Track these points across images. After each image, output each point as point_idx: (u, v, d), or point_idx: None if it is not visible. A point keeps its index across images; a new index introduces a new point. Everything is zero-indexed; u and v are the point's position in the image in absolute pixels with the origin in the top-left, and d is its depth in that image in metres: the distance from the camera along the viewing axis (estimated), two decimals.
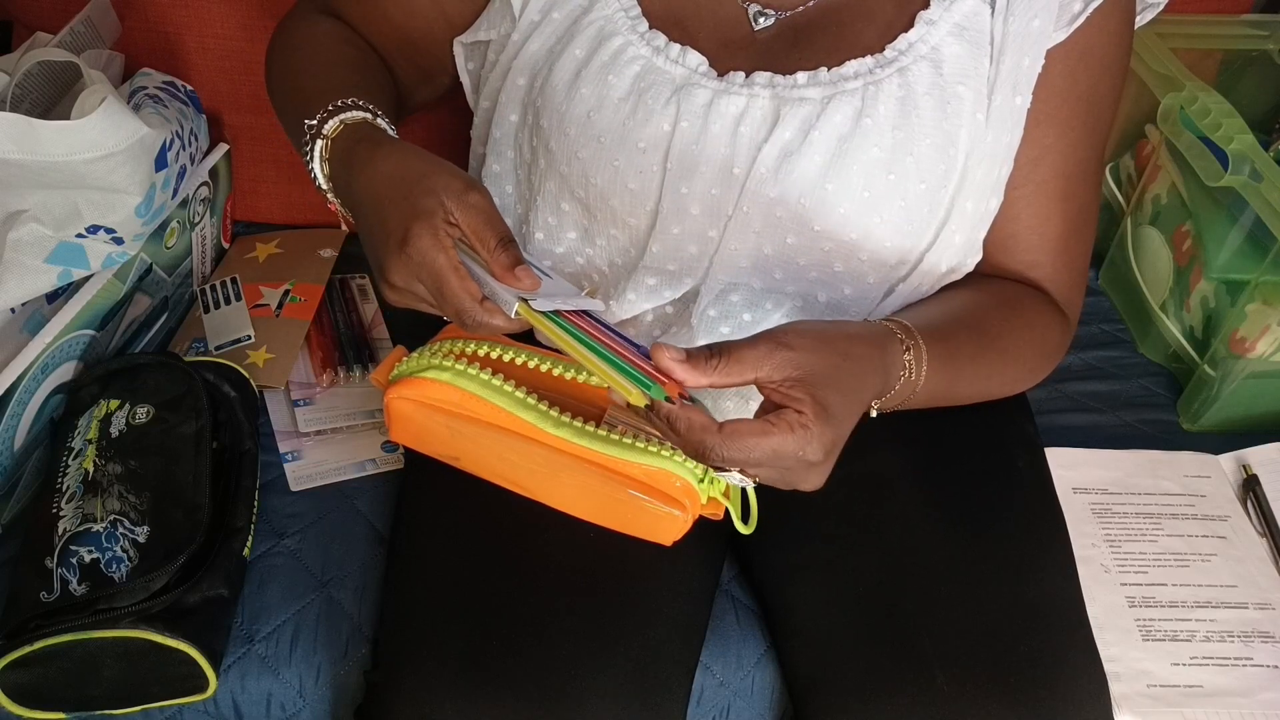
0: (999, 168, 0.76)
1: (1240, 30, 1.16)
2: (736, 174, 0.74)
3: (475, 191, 0.67)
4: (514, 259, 0.66)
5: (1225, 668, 0.85)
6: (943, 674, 0.70)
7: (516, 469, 0.75)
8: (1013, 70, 0.73)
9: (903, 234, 0.75)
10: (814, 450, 0.60)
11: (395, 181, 0.68)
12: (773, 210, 0.74)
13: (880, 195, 0.73)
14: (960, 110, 0.73)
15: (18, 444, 0.84)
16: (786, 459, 0.60)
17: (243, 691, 0.80)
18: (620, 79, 0.75)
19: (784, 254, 0.76)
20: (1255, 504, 0.96)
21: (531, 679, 0.69)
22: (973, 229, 0.77)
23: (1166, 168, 1.09)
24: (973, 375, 0.76)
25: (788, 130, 0.73)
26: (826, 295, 0.78)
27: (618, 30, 0.76)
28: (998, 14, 0.73)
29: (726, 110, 0.74)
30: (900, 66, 0.73)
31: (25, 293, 0.85)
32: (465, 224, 0.66)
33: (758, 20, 0.77)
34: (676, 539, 0.74)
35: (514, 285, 0.66)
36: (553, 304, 0.66)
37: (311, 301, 1.06)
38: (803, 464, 0.61)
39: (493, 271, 0.66)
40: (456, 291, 0.65)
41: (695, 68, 0.75)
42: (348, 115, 0.74)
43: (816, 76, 0.74)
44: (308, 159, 0.75)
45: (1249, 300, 0.98)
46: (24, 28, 1.13)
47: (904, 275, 0.77)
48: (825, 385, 0.61)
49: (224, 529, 0.82)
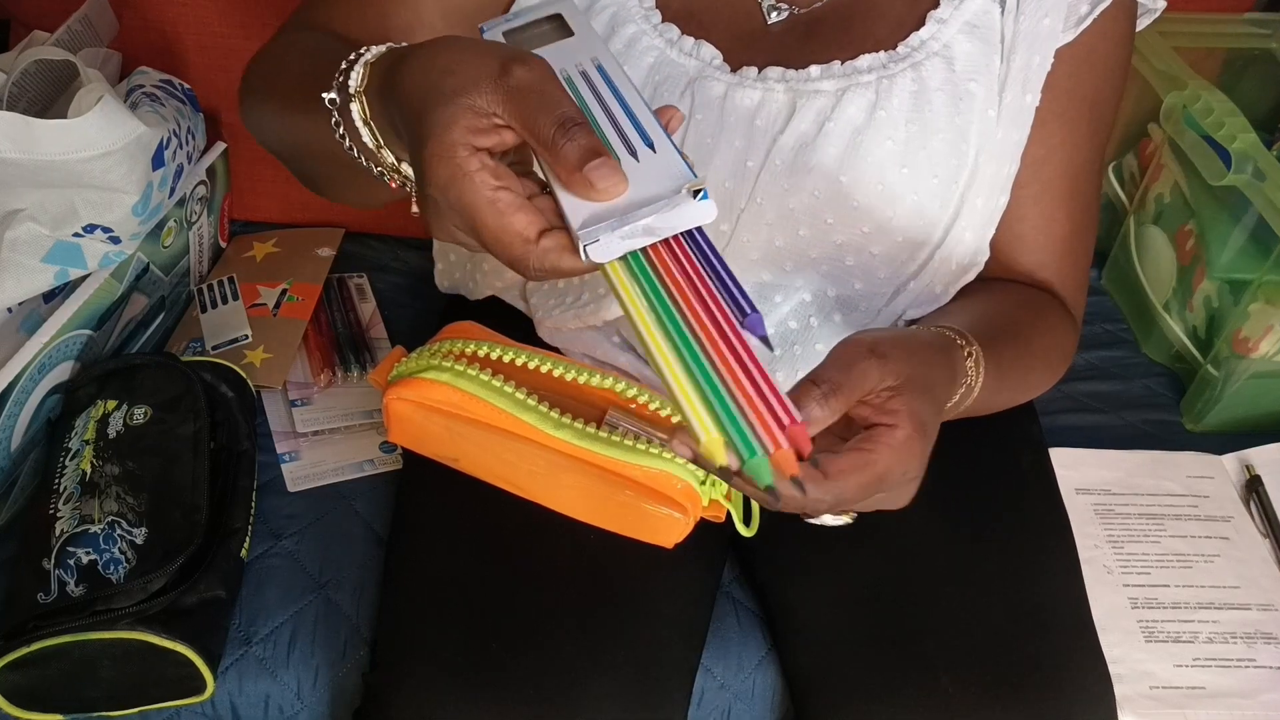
0: (1008, 165, 0.75)
1: (1243, 29, 1.16)
2: (750, 167, 0.74)
3: (519, 65, 0.50)
4: (581, 152, 0.48)
5: (1228, 669, 0.84)
6: (947, 676, 0.70)
7: (516, 470, 0.74)
8: (1023, 68, 0.73)
9: (915, 229, 0.74)
10: (915, 466, 0.56)
11: (415, 95, 0.51)
12: (786, 202, 0.74)
13: (894, 189, 0.73)
14: (972, 106, 0.73)
15: (14, 444, 0.84)
16: (890, 482, 0.55)
17: (240, 693, 0.80)
18: (635, 70, 0.75)
19: (796, 247, 0.75)
20: (1258, 504, 0.96)
21: (531, 681, 0.69)
22: (983, 226, 0.77)
23: (1169, 167, 1.09)
24: (1014, 381, 0.75)
25: (804, 122, 0.73)
26: (837, 290, 0.77)
27: (631, 19, 0.76)
28: (1008, 12, 0.73)
29: (741, 103, 0.74)
30: (914, 62, 0.73)
31: (22, 292, 0.85)
32: (513, 116, 0.49)
33: (771, 14, 0.77)
34: (677, 541, 0.73)
35: (585, 195, 0.48)
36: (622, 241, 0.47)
37: (309, 301, 1.06)
38: (902, 484, 0.57)
39: (556, 176, 0.49)
40: (497, 234, 0.49)
41: (709, 60, 0.75)
42: (369, 54, 0.57)
43: (830, 69, 0.74)
44: (347, 143, 0.58)
45: (1252, 300, 0.98)
46: (21, 26, 1.12)
47: (914, 272, 0.77)
48: (918, 393, 0.57)
49: (221, 530, 0.82)
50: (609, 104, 0.53)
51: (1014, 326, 0.75)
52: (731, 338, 0.46)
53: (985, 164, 0.74)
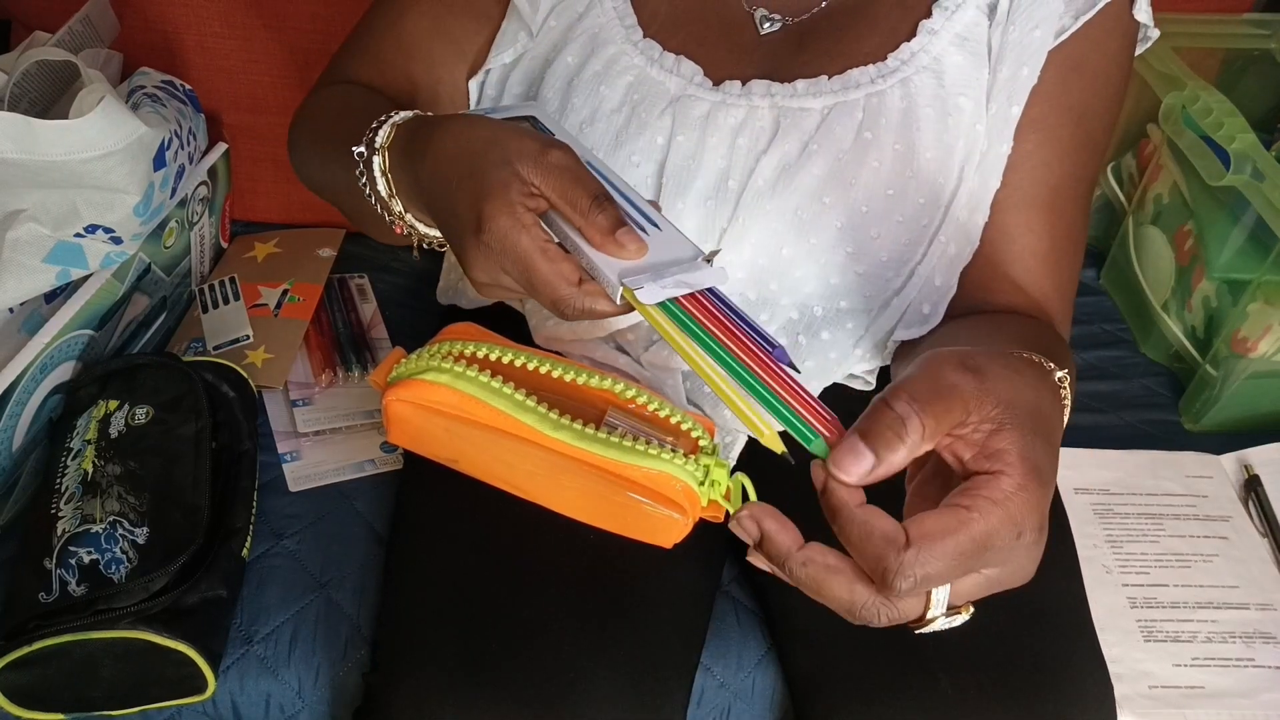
0: (994, 178, 0.75)
1: (1241, 29, 1.16)
2: (732, 186, 0.74)
3: (555, 149, 0.58)
4: (613, 220, 0.57)
5: (1227, 669, 0.85)
6: (945, 676, 0.70)
7: (515, 471, 0.74)
8: (1009, 79, 0.73)
9: (900, 246, 0.74)
10: (1031, 525, 0.44)
11: (460, 159, 0.59)
12: (769, 222, 0.73)
13: (878, 210, 0.73)
14: (960, 121, 0.73)
15: (16, 444, 0.84)
16: (1000, 550, 0.44)
17: (241, 692, 0.80)
18: (613, 90, 0.75)
19: (779, 266, 0.75)
20: (1257, 504, 0.96)
21: (531, 681, 0.69)
22: (967, 240, 0.76)
23: (1168, 167, 1.09)
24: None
25: (788, 142, 0.73)
26: (823, 308, 0.77)
27: (611, 39, 0.76)
28: (996, 24, 0.73)
29: (725, 122, 0.74)
30: (902, 77, 0.73)
31: (24, 292, 0.85)
32: (550, 188, 0.57)
33: (764, 24, 0.76)
34: (677, 541, 0.73)
35: (616, 254, 0.57)
36: (663, 290, 0.55)
37: (310, 301, 1.06)
38: (1016, 552, 0.45)
39: (590, 239, 0.57)
40: (547, 277, 0.57)
41: (690, 78, 0.75)
42: (398, 117, 0.66)
43: (817, 84, 0.73)
44: (367, 190, 0.67)
45: (1251, 300, 0.98)
46: (22, 26, 1.12)
47: (899, 288, 0.76)
48: (1028, 429, 0.45)
49: (222, 530, 0.82)
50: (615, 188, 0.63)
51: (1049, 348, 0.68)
52: (766, 360, 0.52)
53: (970, 178, 0.74)
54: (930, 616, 0.47)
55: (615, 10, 0.77)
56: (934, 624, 0.47)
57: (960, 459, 0.46)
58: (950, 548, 0.43)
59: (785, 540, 0.47)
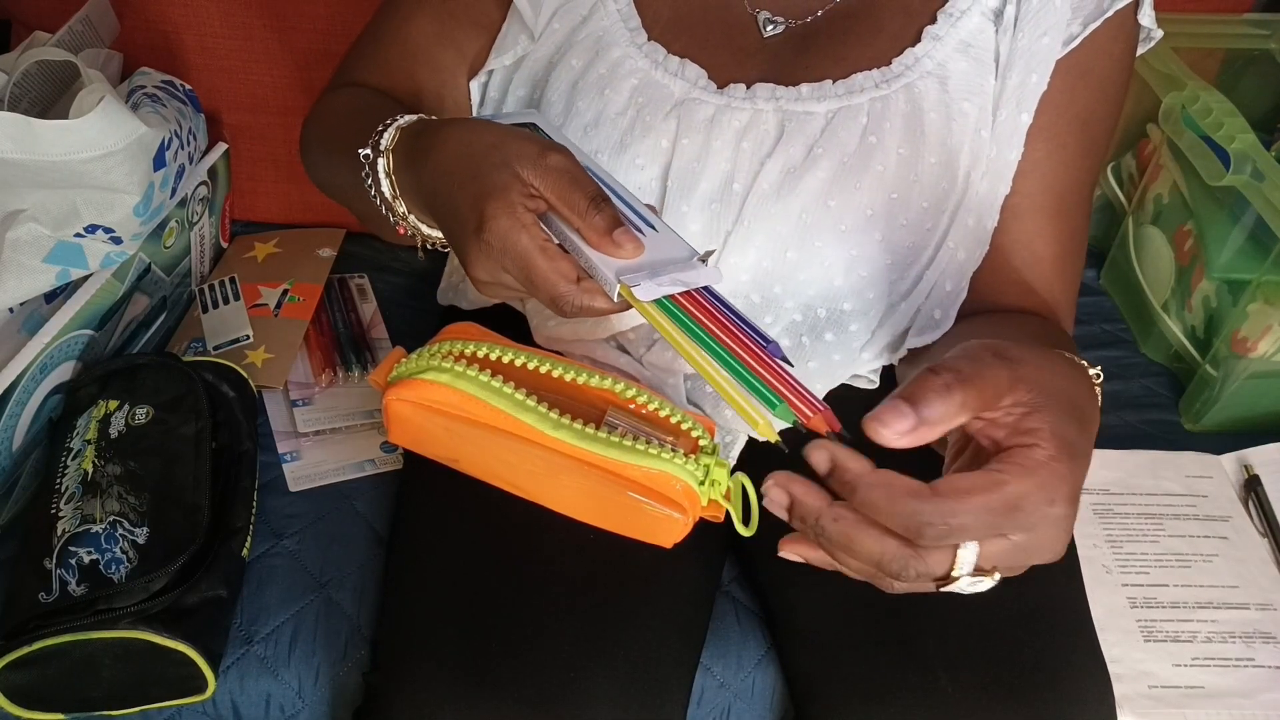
0: (1001, 184, 0.75)
1: (1241, 29, 1.16)
2: (737, 189, 0.74)
3: (554, 152, 0.60)
4: (610, 221, 0.59)
5: (1227, 669, 0.85)
6: (945, 676, 0.70)
7: (516, 471, 0.75)
8: (1019, 86, 0.73)
9: (905, 249, 0.74)
10: (1062, 495, 0.45)
11: (462, 161, 0.61)
12: (774, 225, 0.74)
13: (882, 214, 0.73)
14: (965, 126, 0.73)
15: (16, 444, 0.84)
16: (1030, 514, 0.45)
17: (241, 692, 0.80)
18: (617, 93, 0.75)
19: (783, 269, 0.75)
20: (1257, 504, 0.96)
21: (531, 681, 0.69)
22: (975, 245, 0.76)
23: (1168, 167, 1.09)
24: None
25: (792, 146, 0.73)
26: (827, 310, 0.77)
27: (615, 42, 0.76)
28: (1004, 30, 0.73)
29: (729, 125, 0.74)
30: (907, 82, 0.73)
31: (24, 292, 0.85)
32: (549, 190, 0.59)
33: (767, 27, 0.76)
34: (677, 541, 0.73)
35: (613, 254, 0.59)
36: (660, 288, 0.57)
37: (310, 301, 1.06)
38: (1046, 521, 0.46)
39: (588, 239, 0.59)
40: (547, 274, 0.59)
41: (695, 81, 0.75)
42: (402, 121, 0.68)
43: (821, 88, 0.73)
44: (372, 191, 0.69)
45: (1251, 300, 0.98)
46: (22, 26, 1.12)
47: (905, 292, 0.76)
48: (1061, 411, 0.47)
49: (223, 529, 0.82)
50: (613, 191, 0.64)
51: (1067, 346, 0.71)
52: (760, 354, 0.55)
53: (978, 182, 0.74)
54: (956, 574, 0.47)
55: (619, 13, 0.77)
56: (959, 583, 0.47)
57: (995, 440, 0.47)
58: (980, 503, 0.44)
59: (815, 500, 0.48)
